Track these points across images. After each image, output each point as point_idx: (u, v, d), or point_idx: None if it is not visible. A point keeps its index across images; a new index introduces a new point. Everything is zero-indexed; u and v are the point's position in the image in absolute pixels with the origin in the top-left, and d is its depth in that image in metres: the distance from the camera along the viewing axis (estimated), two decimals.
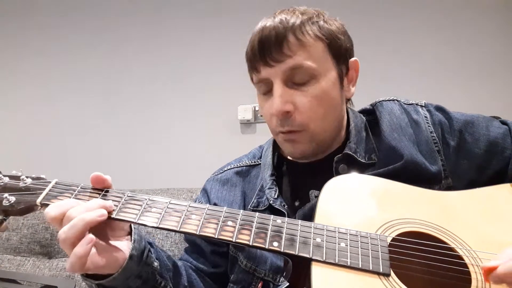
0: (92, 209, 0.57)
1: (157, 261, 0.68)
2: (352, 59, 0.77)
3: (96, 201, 0.59)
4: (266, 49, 0.69)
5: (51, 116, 2.05)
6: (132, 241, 0.63)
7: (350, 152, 0.74)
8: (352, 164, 0.74)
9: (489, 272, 0.52)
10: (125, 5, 2.03)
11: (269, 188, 0.78)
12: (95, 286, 0.62)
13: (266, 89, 0.73)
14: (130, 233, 0.66)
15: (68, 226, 0.55)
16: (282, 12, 0.72)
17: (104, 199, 0.61)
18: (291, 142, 0.74)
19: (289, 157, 0.83)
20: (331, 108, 0.73)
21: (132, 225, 0.66)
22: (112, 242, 0.62)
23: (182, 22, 1.98)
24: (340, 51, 0.73)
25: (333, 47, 0.72)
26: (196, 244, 0.84)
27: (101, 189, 0.64)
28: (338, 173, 0.73)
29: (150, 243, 0.69)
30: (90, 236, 0.56)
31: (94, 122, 2.01)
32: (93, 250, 0.57)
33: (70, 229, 0.55)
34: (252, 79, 0.77)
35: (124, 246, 0.63)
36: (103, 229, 0.61)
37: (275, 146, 0.85)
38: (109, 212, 0.59)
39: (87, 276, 0.62)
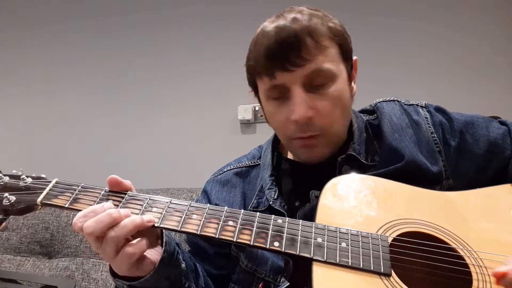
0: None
1: (183, 262, 0.68)
2: (354, 57, 0.77)
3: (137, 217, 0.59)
4: (283, 54, 0.65)
5: (51, 116, 2.05)
6: (164, 244, 0.63)
7: (353, 153, 0.74)
8: (355, 165, 0.74)
9: (501, 278, 0.51)
10: (127, 5, 2.03)
11: (268, 189, 0.77)
12: (127, 287, 0.62)
13: (279, 94, 0.70)
14: (159, 234, 0.65)
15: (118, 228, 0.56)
16: (289, 13, 0.68)
17: (105, 199, 0.61)
18: (310, 147, 0.72)
19: (289, 157, 0.83)
20: (346, 109, 0.73)
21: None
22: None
23: (183, 22, 1.98)
24: (347, 50, 0.72)
25: (343, 47, 0.71)
26: (199, 246, 0.83)
27: (101, 188, 0.63)
28: (341, 174, 0.72)
29: (177, 244, 0.68)
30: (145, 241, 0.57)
31: (94, 122, 2.01)
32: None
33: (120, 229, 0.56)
34: (253, 83, 0.75)
35: (155, 248, 0.63)
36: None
37: (275, 146, 0.85)
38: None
39: (118, 277, 0.61)
